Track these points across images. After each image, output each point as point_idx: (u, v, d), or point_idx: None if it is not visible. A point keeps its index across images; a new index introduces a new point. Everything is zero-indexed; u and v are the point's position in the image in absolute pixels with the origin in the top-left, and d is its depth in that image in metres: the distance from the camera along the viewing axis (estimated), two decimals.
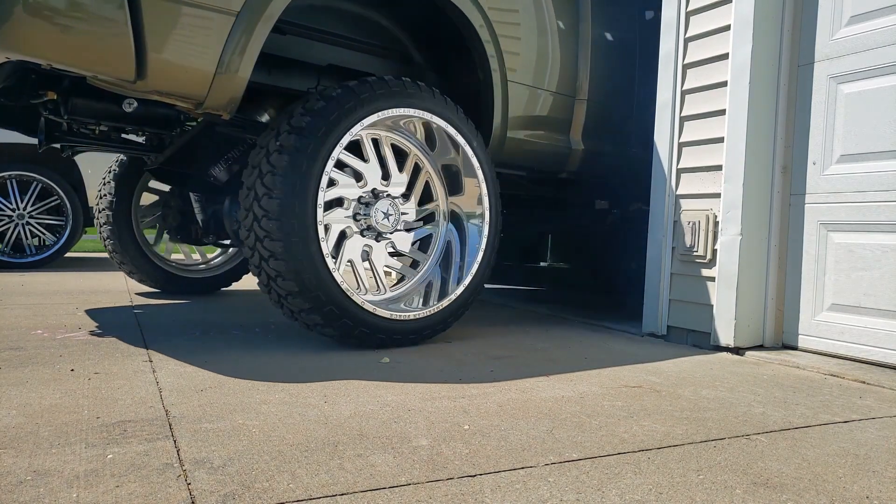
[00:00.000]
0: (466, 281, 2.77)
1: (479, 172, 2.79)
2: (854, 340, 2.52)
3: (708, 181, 2.89)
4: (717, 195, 2.83)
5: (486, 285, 5.41)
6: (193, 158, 3.15)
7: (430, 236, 2.84)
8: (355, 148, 2.52)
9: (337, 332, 2.43)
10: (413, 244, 2.75)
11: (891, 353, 2.41)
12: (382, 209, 2.58)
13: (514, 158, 3.17)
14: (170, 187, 3.87)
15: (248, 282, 5.11)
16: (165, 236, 4.05)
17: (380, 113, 2.47)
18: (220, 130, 2.94)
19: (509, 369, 2.26)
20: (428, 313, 2.63)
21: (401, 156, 2.72)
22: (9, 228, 5.58)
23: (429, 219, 2.85)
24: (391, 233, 2.62)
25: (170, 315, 3.28)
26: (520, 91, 3.06)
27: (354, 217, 2.54)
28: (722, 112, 2.82)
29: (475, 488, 1.24)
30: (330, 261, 2.35)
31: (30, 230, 5.63)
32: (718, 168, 2.83)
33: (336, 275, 2.37)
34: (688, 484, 1.30)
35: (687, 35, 3.00)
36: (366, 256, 2.59)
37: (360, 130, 2.44)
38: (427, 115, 2.62)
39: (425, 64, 3.10)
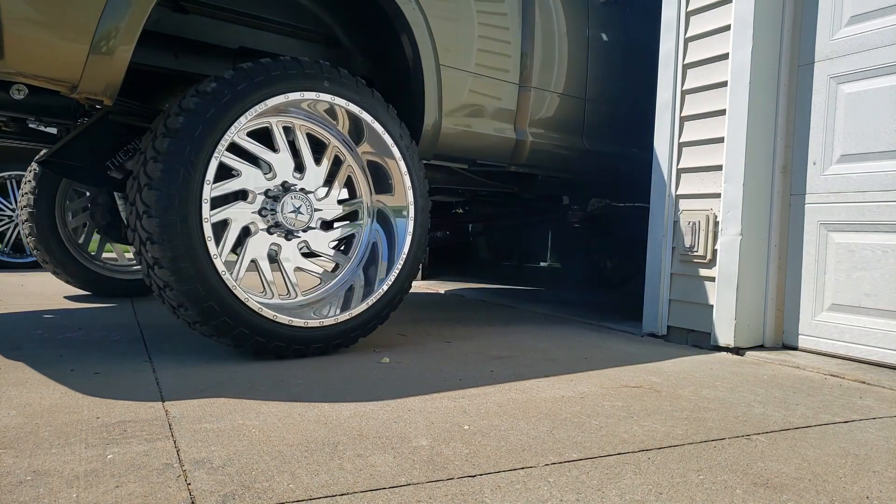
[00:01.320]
0: (386, 284, 2.51)
1: (402, 164, 2.54)
2: (854, 340, 2.52)
3: (708, 181, 2.89)
4: (718, 195, 2.83)
5: (486, 285, 5.40)
6: (88, 150, 2.88)
7: (352, 236, 2.61)
8: (266, 137, 2.32)
9: (232, 342, 2.19)
10: (334, 244, 2.53)
11: (891, 353, 2.41)
12: (293, 204, 2.33)
13: (453, 149, 2.97)
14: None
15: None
16: (98, 235, 3.77)
17: (280, 97, 2.23)
18: (114, 119, 2.64)
19: (509, 369, 2.26)
20: (336, 321, 2.37)
21: (321, 148, 2.52)
22: (9, 228, 5.58)
23: (353, 217, 2.63)
24: (304, 231, 2.38)
25: (170, 315, 3.28)
26: (456, 77, 2.83)
27: (261, 212, 2.29)
28: (722, 112, 2.82)
29: (475, 488, 1.24)
30: (218, 263, 2.11)
31: None
32: (718, 168, 2.83)
33: (227, 279, 2.13)
34: (688, 484, 1.30)
35: (687, 35, 3.00)
36: (275, 256, 2.36)
37: (254, 117, 2.19)
38: (332, 98, 2.35)
39: (354, 48, 2.86)
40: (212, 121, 2.08)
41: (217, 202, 2.23)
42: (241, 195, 2.28)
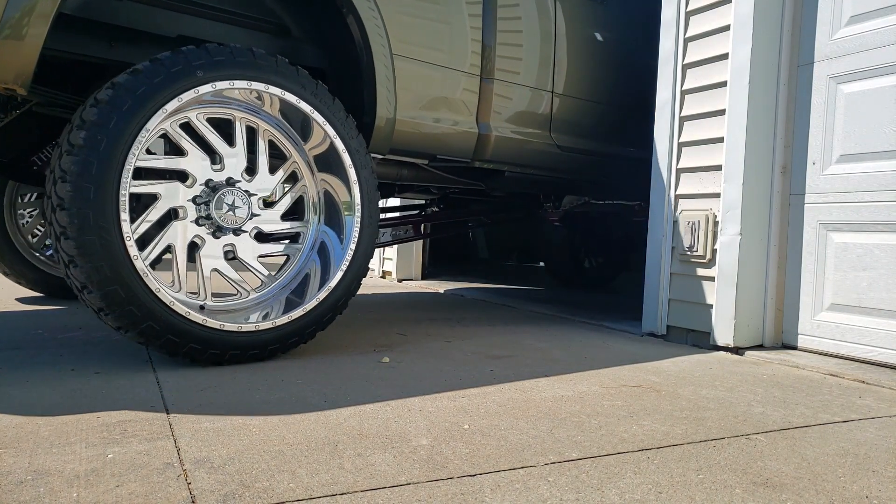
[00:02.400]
0: (331, 284, 2.36)
1: (346, 156, 2.40)
2: (854, 340, 2.53)
3: (707, 181, 2.89)
4: (717, 195, 2.83)
5: (485, 285, 5.40)
6: (12, 145, 2.67)
7: (298, 234, 2.48)
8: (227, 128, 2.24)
9: (165, 350, 2.07)
10: (275, 239, 2.39)
11: (890, 352, 2.41)
12: (230, 201, 2.21)
13: (411, 143, 2.82)
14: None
15: None
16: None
17: (204, 86, 2.09)
18: (41, 112, 2.51)
19: (509, 369, 2.27)
20: (272, 325, 2.23)
21: (272, 147, 2.39)
22: None
23: (299, 214, 2.50)
24: (235, 233, 2.24)
25: None
26: (411, 68, 2.71)
27: (195, 200, 2.17)
28: (721, 112, 2.83)
29: (475, 488, 1.24)
30: (140, 263, 1.97)
31: None
32: (718, 168, 2.83)
33: (150, 282, 1.99)
34: (687, 483, 1.30)
35: (687, 35, 3.00)
36: (231, 255, 2.26)
37: (174, 110, 2.06)
38: (265, 87, 2.20)
39: (304, 37, 2.71)
40: (128, 113, 1.96)
41: (153, 176, 2.17)
42: (182, 177, 2.17)
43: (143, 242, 2.06)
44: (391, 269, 5.87)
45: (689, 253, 2.94)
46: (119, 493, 1.16)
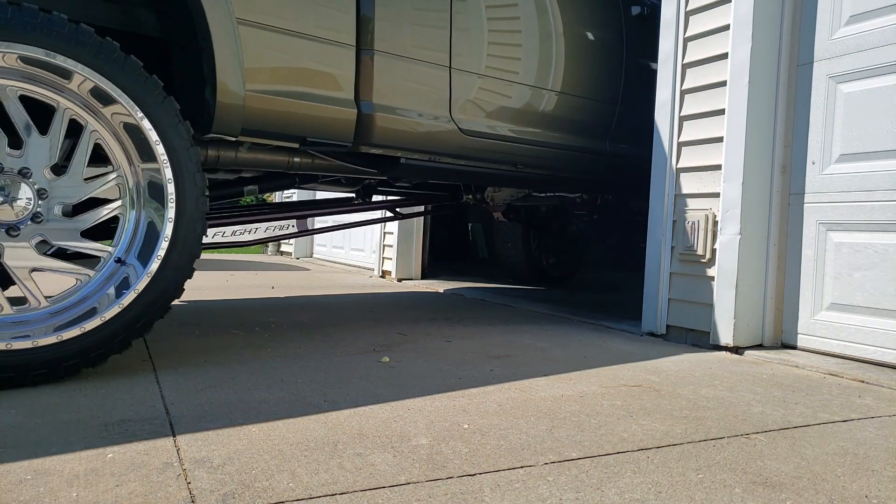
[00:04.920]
0: (139, 288, 1.99)
1: (153, 134, 2.01)
2: (853, 340, 2.53)
3: (707, 181, 2.90)
4: (717, 195, 2.84)
5: (485, 285, 5.40)
6: None
7: (116, 225, 2.10)
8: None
9: None
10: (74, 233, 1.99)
11: (890, 352, 2.42)
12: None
13: (269, 123, 2.49)
14: None
15: (243, 282, 5.12)
16: None
17: None
18: None
19: (509, 369, 2.27)
20: (51, 342, 1.84)
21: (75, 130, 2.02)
22: None
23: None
24: (34, 221, 1.89)
25: (170, 314, 3.27)
26: (263, 36, 2.39)
27: None
28: (721, 112, 2.83)
29: (475, 487, 1.24)
30: None
31: None
32: (718, 168, 2.83)
33: None
34: (687, 483, 1.30)
35: (686, 34, 3.00)
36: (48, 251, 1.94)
37: None
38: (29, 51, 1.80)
39: (140, 1, 2.40)
40: None
41: None
42: None
43: None
44: (391, 269, 5.87)
45: (688, 252, 2.94)
46: (119, 492, 1.16)
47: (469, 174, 3.34)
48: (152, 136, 2.02)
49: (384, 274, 6.03)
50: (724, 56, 2.82)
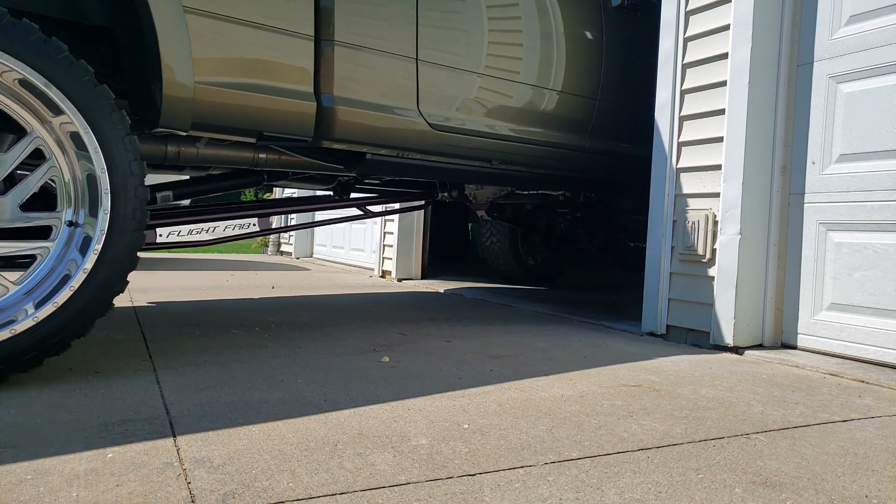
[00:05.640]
0: (58, 301, 1.86)
1: (88, 132, 1.90)
2: (853, 340, 2.53)
3: (707, 181, 2.90)
4: (717, 195, 2.84)
5: (485, 285, 5.40)
6: None
7: (50, 229, 1.97)
8: None
9: None
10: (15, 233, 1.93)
11: (890, 352, 2.42)
12: None
13: (222, 116, 2.38)
14: None
15: (242, 282, 5.12)
16: None
17: None
18: None
19: (509, 368, 2.27)
20: None
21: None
22: None
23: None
24: None
25: (170, 314, 3.28)
26: (212, 25, 2.30)
27: None
28: (721, 112, 2.83)
29: (475, 487, 1.24)
30: None
31: None
32: (718, 168, 2.83)
33: None
34: (687, 483, 1.30)
35: (686, 34, 3.00)
36: None
37: None
38: None
39: None
40: None
41: None
42: None
43: None
44: (391, 269, 5.87)
45: (688, 252, 2.94)
46: (119, 492, 1.16)
47: (441, 171, 3.24)
48: (91, 136, 1.92)
49: (384, 274, 6.03)
50: (725, 56, 2.82)
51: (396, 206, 4.44)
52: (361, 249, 6.92)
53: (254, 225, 3.89)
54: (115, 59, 2.38)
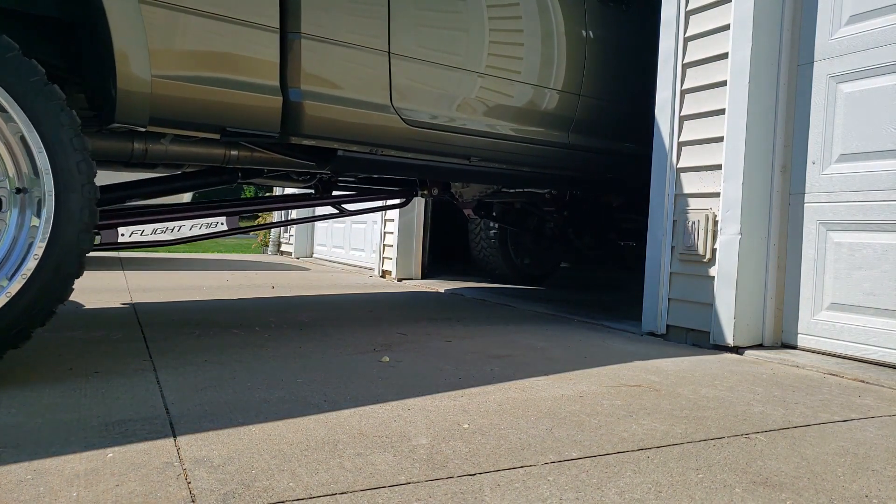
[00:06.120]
0: None
1: (32, 132, 1.83)
2: (853, 339, 2.53)
3: (707, 180, 2.89)
4: (717, 194, 2.84)
5: (485, 285, 5.40)
6: None
7: None
8: None
9: None
10: None
11: (890, 352, 2.42)
12: None
13: (182, 111, 2.30)
14: None
15: (243, 282, 5.12)
16: None
17: None
18: None
19: (509, 368, 2.27)
20: None
21: None
22: None
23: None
24: None
25: (170, 314, 3.28)
26: (169, 16, 2.21)
27: None
28: (721, 111, 2.83)
29: (475, 487, 1.24)
30: None
31: None
32: (718, 167, 2.83)
33: None
34: (687, 482, 1.30)
35: (686, 34, 3.00)
36: None
37: None
38: None
39: None
40: None
41: None
42: None
43: None
44: (391, 269, 5.87)
45: (688, 252, 2.94)
46: (119, 492, 1.16)
47: (418, 168, 3.15)
48: (18, 115, 1.82)
49: (384, 274, 6.03)
50: (725, 56, 2.82)
51: (374, 204, 4.26)
52: (361, 249, 6.92)
53: (222, 224, 3.84)
54: (78, 54, 2.31)
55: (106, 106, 2.17)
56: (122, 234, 2.37)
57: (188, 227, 3.77)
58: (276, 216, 8.58)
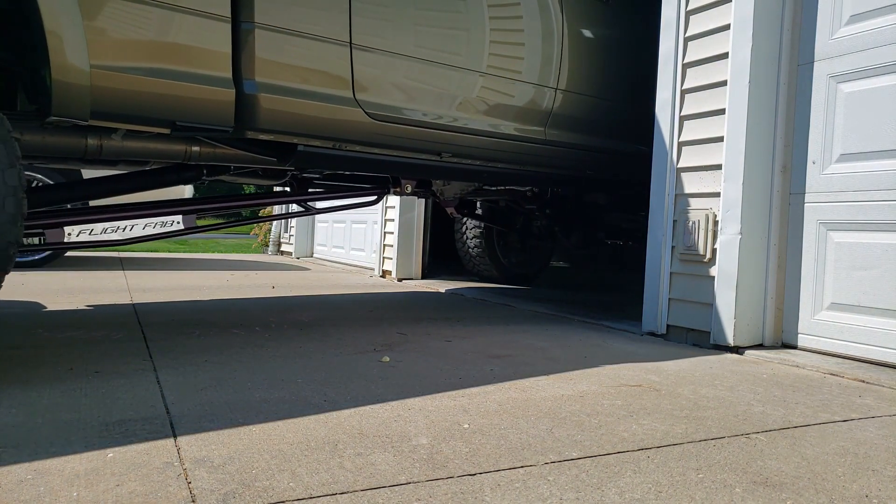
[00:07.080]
0: None
1: None
2: (853, 339, 2.53)
3: (708, 180, 2.89)
4: (717, 194, 2.84)
5: (485, 285, 5.40)
6: None
7: None
8: None
9: None
10: None
11: (890, 352, 2.41)
12: None
13: (126, 105, 2.18)
14: None
15: (243, 282, 5.12)
16: None
17: None
18: None
19: (509, 368, 2.27)
20: None
21: None
22: None
23: None
24: None
25: (170, 314, 3.28)
26: (109, 4, 2.12)
27: None
28: (722, 111, 2.83)
29: (475, 487, 1.24)
30: None
31: None
32: (718, 167, 2.83)
33: None
34: (687, 482, 1.30)
35: (687, 34, 3.00)
36: None
37: None
38: None
39: None
40: None
41: None
42: None
43: None
44: (391, 269, 5.88)
45: (689, 252, 2.94)
46: (119, 492, 1.16)
47: (386, 164, 3.03)
48: None
49: (384, 274, 6.03)
50: (725, 56, 2.82)
51: (341, 203, 4.09)
52: (362, 249, 6.92)
53: (178, 223, 3.77)
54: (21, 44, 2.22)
55: (43, 99, 2.07)
56: (70, 234, 2.30)
57: (141, 227, 3.67)
58: (277, 212, 8.58)
